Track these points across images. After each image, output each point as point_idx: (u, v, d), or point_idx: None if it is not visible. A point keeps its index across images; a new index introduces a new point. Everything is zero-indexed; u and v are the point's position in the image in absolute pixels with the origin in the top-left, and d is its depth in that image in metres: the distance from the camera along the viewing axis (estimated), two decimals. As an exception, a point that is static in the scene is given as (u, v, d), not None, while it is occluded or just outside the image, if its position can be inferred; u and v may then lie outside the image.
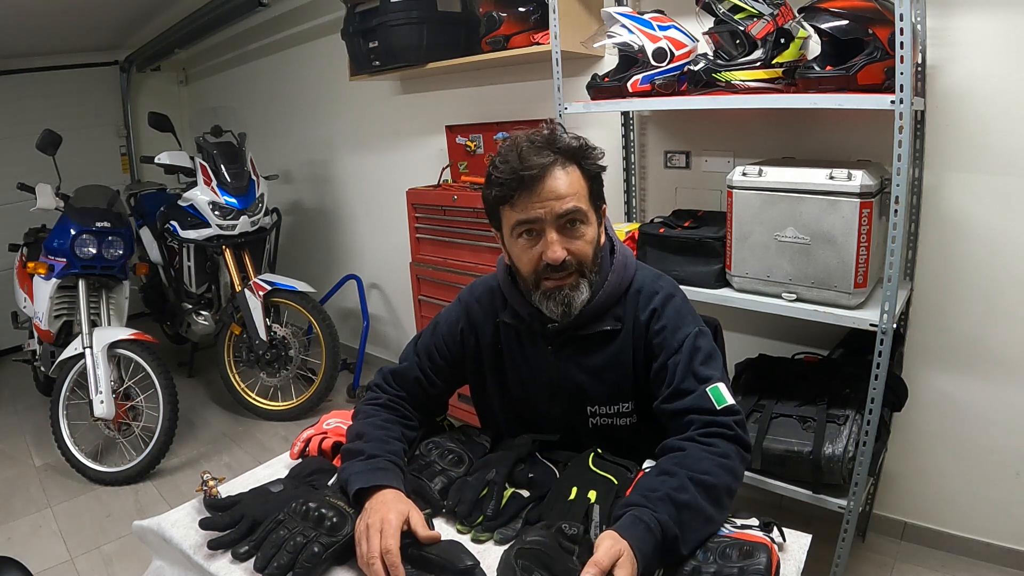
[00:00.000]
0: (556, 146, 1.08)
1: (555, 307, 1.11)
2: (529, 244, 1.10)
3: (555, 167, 1.07)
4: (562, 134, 1.11)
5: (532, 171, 1.05)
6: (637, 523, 0.88)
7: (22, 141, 3.48)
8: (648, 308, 1.15)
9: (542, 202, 1.06)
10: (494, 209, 1.14)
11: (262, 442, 3.00)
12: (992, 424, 1.86)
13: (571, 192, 1.07)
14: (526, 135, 1.10)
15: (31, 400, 3.51)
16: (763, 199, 1.68)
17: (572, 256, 1.09)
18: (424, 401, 1.26)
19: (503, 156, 1.08)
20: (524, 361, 1.23)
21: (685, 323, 1.14)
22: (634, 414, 1.20)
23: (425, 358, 1.26)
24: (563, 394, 1.21)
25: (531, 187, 1.05)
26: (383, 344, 3.73)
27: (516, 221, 1.09)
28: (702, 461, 0.97)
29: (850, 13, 1.51)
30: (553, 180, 1.06)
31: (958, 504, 1.97)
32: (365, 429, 1.13)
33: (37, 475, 2.78)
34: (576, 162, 1.10)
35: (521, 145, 1.08)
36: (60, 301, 2.88)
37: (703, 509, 0.92)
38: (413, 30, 2.52)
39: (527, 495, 1.07)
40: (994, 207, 1.75)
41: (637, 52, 1.85)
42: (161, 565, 1.11)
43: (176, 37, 3.98)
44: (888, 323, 1.52)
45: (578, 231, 1.09)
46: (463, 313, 1.27)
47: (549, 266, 1.08)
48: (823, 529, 1.48)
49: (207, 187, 3.01)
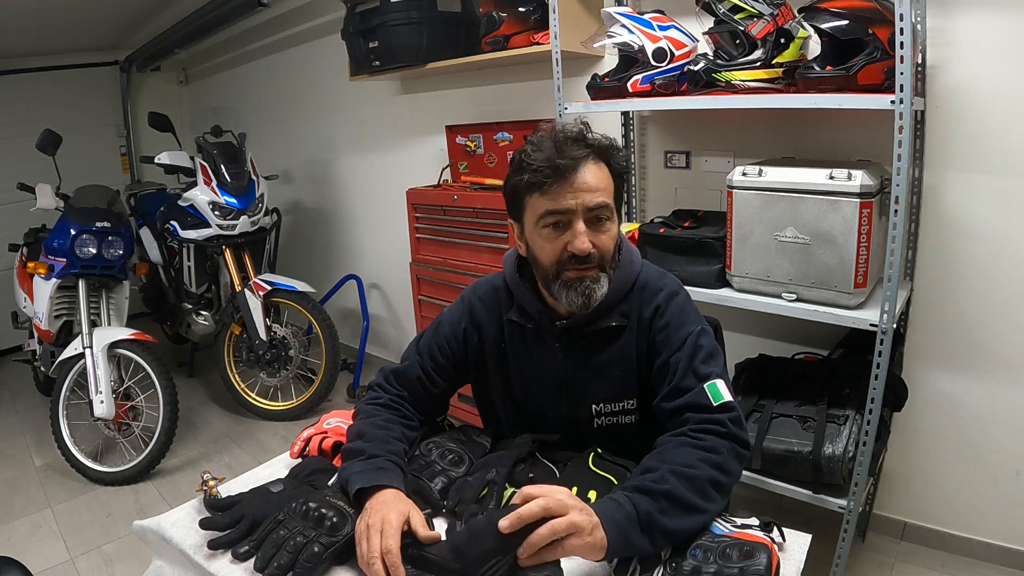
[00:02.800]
0: (589, 141, 1.10)
1: (575, 297, 1.10)
2: (555, 234, 1.09)
3: (589, 160, 1.08)
4: (590, 131, 1.12)
5: (568, 161, 1.06)
6: (606, 501, 0.90)
7: (22, 141, 3.48)
8: (652, 305, 1.16)
9: (575, 192, 1.06)
10: (519, 197, 1.13)
11: (262, 442, 3.00)
12: (992, 424, 1.86)
13: (602, 187, 1.08)
14: (557, 128, 1.12)
15: (31, 400, 3.52)
16: (763, 199, 1.68)
17: (597, 250, 1.09)
18: (425, 400, 1.26)
19: (536, 145, 1.09)
20: (529, 360, 1.23)
21: (688, 321, 1.14)
22: (637, 411, 1.20)
23: (427, 357, 1.26)
24: (569, 393, 1.21)
25: (565, 176, 1.06)
26: (383, 344, 3.73)
27: (546, 210, 1.09)
28: (685, 455, 0.97)
29: (850, 13, 1.51)
30: (586, 172, 1.07)
31: (958, 504, 1.97)
32: (366, 429, 1.13)
33: (37, 475, 2.78)
34: (606, 159, 1.11)
35: (557, 135, 1.09)
36: (60, 301, 2.88)
37: (683, 496, 0.91)
38: (413, 30, 2.52)
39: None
40: (994, 207, 1.75)
41: (637, 52, 1.85)
42: (161, 565, 1.11)
43: (176, 37, 3.98)
44: (888, 323, 1.52)
45: (604, 226, 1.10)
46: (466, 312, 1.27)
47: (573, 257, 1.08)
48: (823, 529, 1.48)
49: (207, 187, 3.01)
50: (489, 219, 2.45)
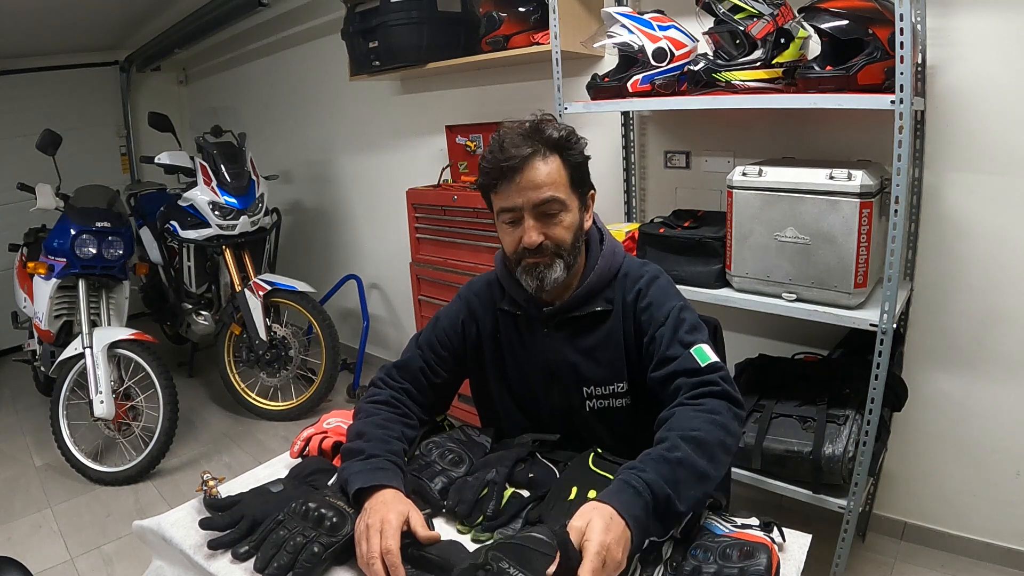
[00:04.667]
0: (539, 137, 1.14)
1: (531, 280, 1.18)
2: (511, 229, 1.17)
3: (534, 158, 1.13)
4: (547, 125, 1.16)
5: (512, 162, 1.12)
6: (624, 487, 0.89)
7: (22, 141, 3.48)
8: (634, 289, 1.22)
9: (520, 191, 1.13)
10: (486, 195, 1.21)
11: (262, 442, 3.00)
12: (992, 424, 1.86)
13: (549, 182, 1.13)
14: (516, 124, 1.16)
15: (31, 400, 3.52)
16: (763, 199, 1.68)
17: (549, 240, 1.15)
18: (428, 391, 1.27)
19: (491, 146, 1.16)
20: (522, 348, 1.27)
21: (669, 298, 1.20)
22: (628, 395, 1.23)
23: (428, 350, 1.29)
24: (559, 376, 1.25)
25: (511, 177, 1.13)
26: (383, 344, 3.73)
27: (499, 208, 1.17)
28: (691, 420, 1.00)
29: (850, 13, 1.51)
30: (532, 171, 1.12)
31: (958, 504, 1.97)
32: (365, 428, 1.14)
33: (37, 475, 2.78)
34: (557, 152, 1.15)
35: (505, 136, 1.14)
36: (60, 301, 2.88)
37: (696, 464, 0.93)
38: (413, 30, 2.52)
39: (527, 495, 1.07)
40: (994, 207, 1.75)
41: (637, 52, 1.85)
42: (161, 565, 1.11)
43: (176, 37, 3.98)
44: (888, 323, 1.52)
45: (556, 218, 1.15)
46: (463, 306, 1.33)
47: (527, 248, 1.15)
48: (823, 529, 1.48)
49: (207, 187, 3.01)
50: (489, 219, 2.43)
